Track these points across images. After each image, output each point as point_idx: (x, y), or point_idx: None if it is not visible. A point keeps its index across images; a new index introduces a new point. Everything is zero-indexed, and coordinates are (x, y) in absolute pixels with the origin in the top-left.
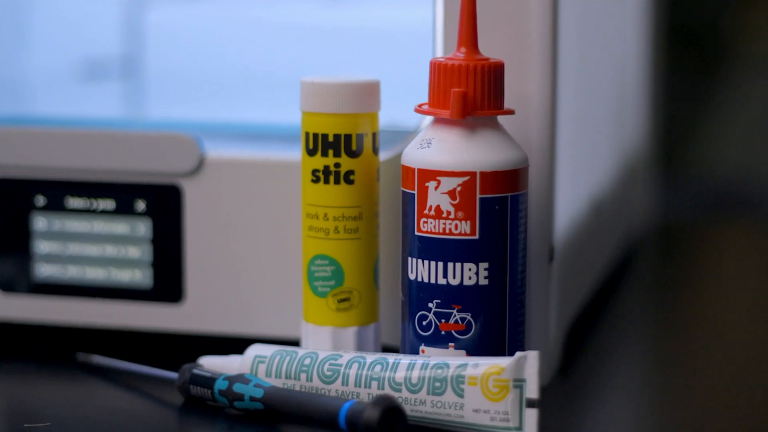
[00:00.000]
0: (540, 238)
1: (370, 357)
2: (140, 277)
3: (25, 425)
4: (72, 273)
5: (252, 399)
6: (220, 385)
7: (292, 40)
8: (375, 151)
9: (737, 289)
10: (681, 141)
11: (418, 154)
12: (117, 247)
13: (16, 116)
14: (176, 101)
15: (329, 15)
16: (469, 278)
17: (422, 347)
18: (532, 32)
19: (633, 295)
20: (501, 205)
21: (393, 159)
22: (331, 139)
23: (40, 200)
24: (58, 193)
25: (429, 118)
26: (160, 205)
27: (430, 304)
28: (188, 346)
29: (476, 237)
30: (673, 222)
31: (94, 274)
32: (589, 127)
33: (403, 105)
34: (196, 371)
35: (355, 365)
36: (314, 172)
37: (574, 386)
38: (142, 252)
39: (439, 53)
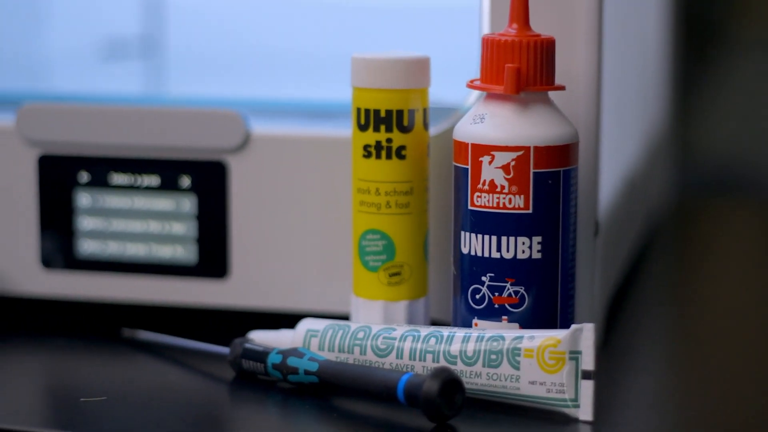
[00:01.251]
0: (585, 212)
1: (424, 330)
2: (185, 253)
3: (81, 399)
4: (115, 249)
5: (307, 372)
6: (274, 359)
7: (313, 17)
8: (425, 126)
9: (744, 265)
10: (688, 121)
11: (471, 129)
12: (161, 224)
13: (37, 94)
14: (197, 79)
15: None
16: (523, 252)
17: (475, 320)
18: (579, 9)
19: (656, 268)
20: (554, 179)
21: (440, 135)
22: (383, 114)
23: (84, 177)
24: (101, 169)
25: (475, 94)
26: (206, 182)
27: (483, 278)
28: (231, 322)
29: (530, 211)
30: (686, 199)
31: (138, 251)
32: (622, 104)
33: (441, 81)
34: (248, 345)
35: (410, 338)
36: (366, 147)
37: (618, 358)
38: (186, 228)
39: (486, 30)
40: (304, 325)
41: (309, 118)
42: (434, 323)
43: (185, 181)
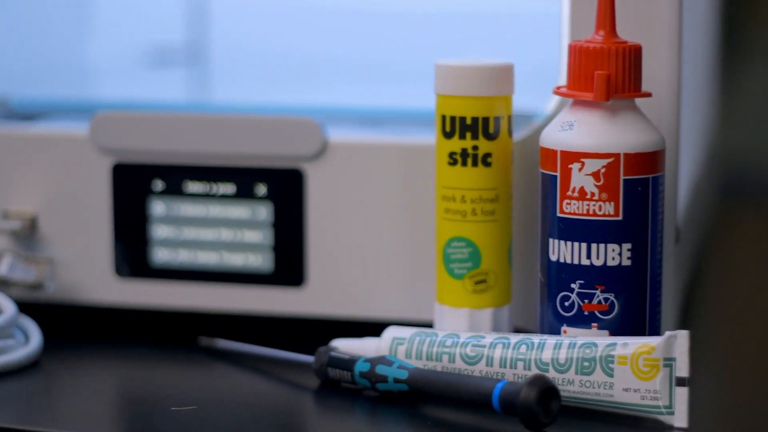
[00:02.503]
0: (668, 219)
1: (514, 338)
2: (261, 261)
3: (172, 408)
4: (190, 258)
5: (396, 380)
6: (361, 367)
7: (346, 25)
8: (510, 133)
9: None
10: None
11: (560, 136)
12: (237, 232)
13: (83, 102)
14: (241, 86)
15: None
16: (613, 259)
17: (564, 328)
18: (660, 15)
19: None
20: (643, 186)
21: (520, 141)
22: (469, 121)
23: (158, 185)
24: (176, 177)
25: (555, 101)
26: (282, 189)
27: (572, 285)
28: (305, 330)
29: (620, 218)
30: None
31: (213, 259)
32: (691, 109)
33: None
34: (334, 354)
35: (500, 346)
36: (451, 154)
37: (701, 364)
38: (263, 236)
39: (566, 36)
40: (390, 333)
41: (356, 125)
42: (517, 331)
43: (261, 189)
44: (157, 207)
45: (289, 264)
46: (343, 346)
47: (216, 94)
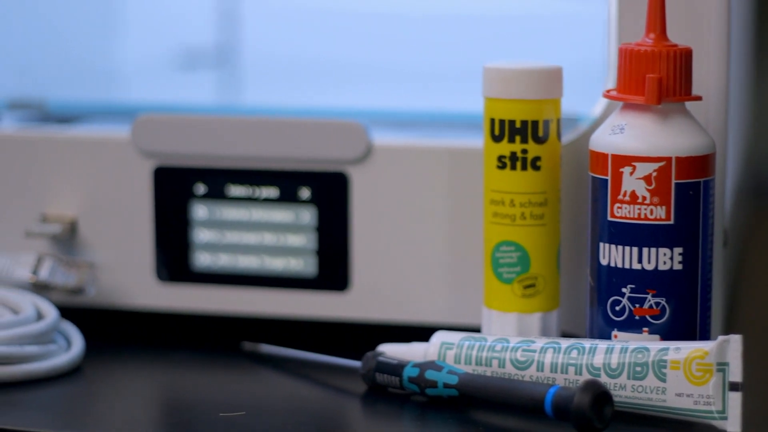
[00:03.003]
0: (716, 222)
1: (565, 342)
2: (304, 265)
3: (221, 414)
4: (232, 262)
5: (446, 386)
6: (410, 372)
7: (379, 29)
8: (559, 137)
9: None
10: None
11: (610, 140)
12: (280, 236)
13: (115, 105)
14: (272, 88)
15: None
16: (664, 263)
17: (614, 332)
18: (710, 18)
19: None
20: (695, 190)
21: (567, 145)
22: (518, 125)
23: (201, 188)
24: (219, 181)
25: (602, 104)
26: (326, 193)
27: (623, 289)
28: (348, 334)
29: (671, 222)
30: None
31: (255, 263)
32: (735, 112)
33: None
34: (382, 359)
35: (550, 351)
36: (500, 158)
37: (751, 367)
38: (306, 240)
39: (613, 40)
40: (439, 337)
41: (389, 128)
42: (564, 335)
43: (305, 193)
44: (199, 211)
45: (333, 268)
46: (390, 350)
47: (245, 96)
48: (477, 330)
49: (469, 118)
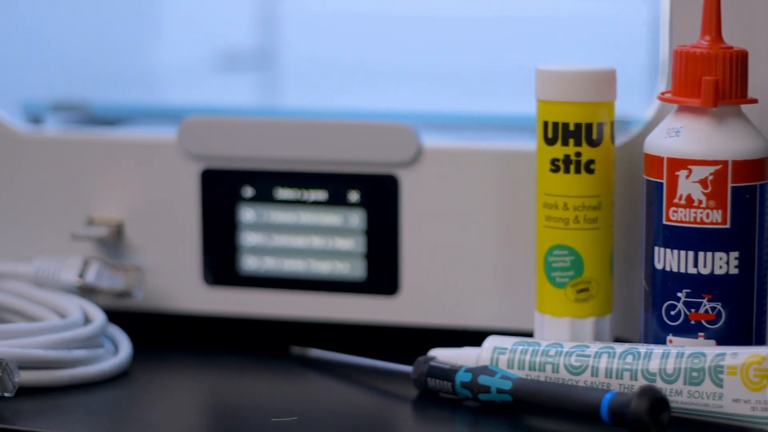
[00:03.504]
0: None
1: (620, 347)
2: (352, 269)
3: (273, 419)
4: (280, 265)
5: (500, 391)
6: (462, 377)
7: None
8: (612, 139)
9: None
10: None
11: (666, 143)
12: (328, 239)
13: (155, 107)
14: (312, 91)
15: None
16: (720, 267)
17: (669, 337)
18: (762, 19)
19: None
20: (751, 193)
21: (619, 147)
22: (572, 128)
23: (248, 191)
24: (267, 184)
25: (655, 107)
26: (376, 196)
27: (679, 294)
28: (397, 339)
29: (727, 226)
30: None
31: (303, 266)
32: None
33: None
34: (434, 363)
35: (605, 356)
36: (554, 161)
37: None
38: (355, 243)
39: (666, 41)
40: (491, 342)
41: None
42: (617, 340)
43: (354, 196)
44: (247, 214)
45: (382, 272)
46: (441, 355)
47: (285, 99)
48: (528, 335)
49: (517, 120)
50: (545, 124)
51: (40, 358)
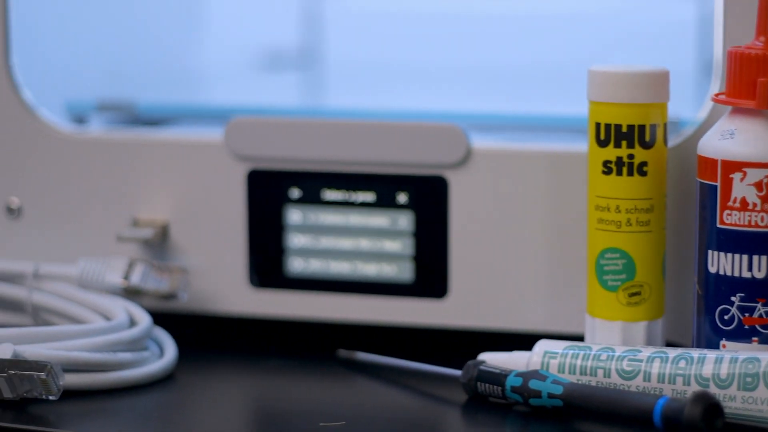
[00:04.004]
0: None
1: (672, 352)
2: (401, 271)
3: (321, 424)
4: (327, 267)
5: (551, 396)
6: (513, 381)
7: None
8: (665, 141)
9: None
10: None
11: (720, 145)
12: (375, 241)
13: (199, 107)
14: (355, 92)
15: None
16: None
17: (723, 342)
18: None
19: None
20: None
21: (672, 149)
22: (624, 129)
23: (295, 192)
24: (314, 185)
25: (708, 108)
26: (424, 198)
27: (732, 298)
28: (446, 342)
29: None
30: None
31: (350, 269)
32: None
33: None
34: (484, 368)
35: (657, 360)
36: (606, 163)
37: None
38: (403, 246)
39: (719, 42)
40: (542, 346)
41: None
42: (669, 345)
43: (402, 198)
44: (294, 215)
45: (430, 275)
46: (491, 359)
47: (328, 99)
48: (579, 339)
49: (568, 122)
50: (597, 125)
51: (85, 360)
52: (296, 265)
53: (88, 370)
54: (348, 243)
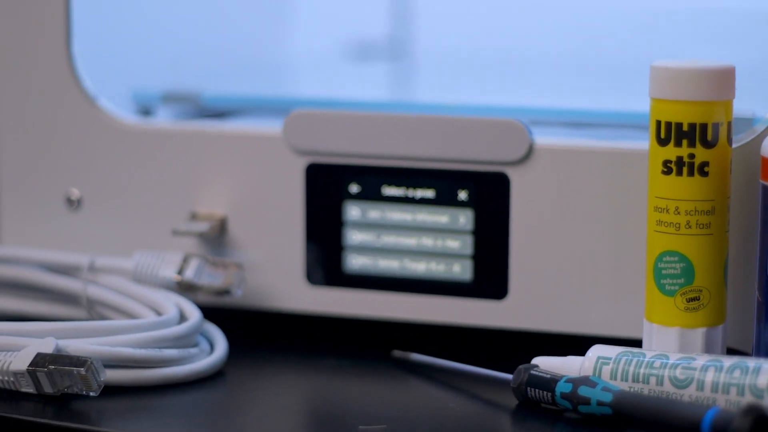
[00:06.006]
0: None
1: (728, 360)
2: (459, 270)
3: (360, 427)
4: (385, 265)
5: (600, 403)
6: (563, 387)
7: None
8: (729, 141)
9: None
10: None
11: None
12: (435, 239)
13: (283, 98)
14: (446, 84)
15: None
16: None
17: None
18: None
19: None
20: None
21: (739, 148)
22: (685, 128)
23: (354, 188)
24: (373, 180)
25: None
26: (484, 195)
27: None
28: (506, 344)
29: None
30: None
31: (409, 267)
32: None
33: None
34: (534, 372)
35: (712, 369)
36: (666, 162)
37: None
38: (462, 244)
39: None
40: (595, 351)
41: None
42: (731, 352)
43: (462, 195)
44: (352, 211)
45: (490, 275)
46: (545, 363)
47: (418, 91)
48: (639, 344)
49: (637, 118)
50: (658, 123)
51: (128, 356)
52: (353, 263)
53: (132, 366)
54: (406, 241)
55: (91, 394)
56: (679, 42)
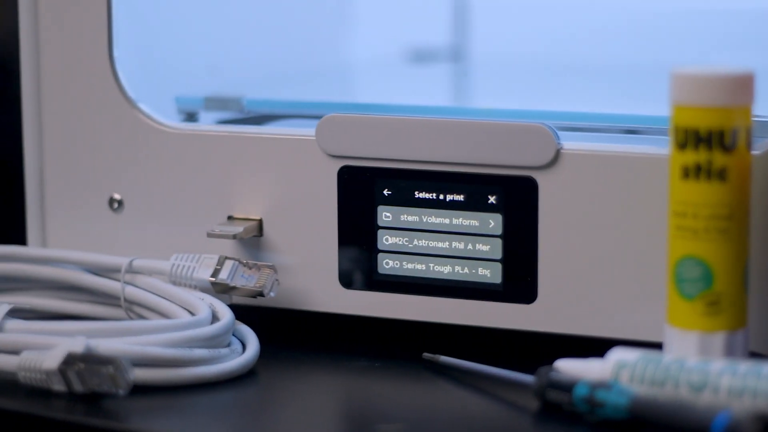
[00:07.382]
0: None
1: (744, 365)
2: (488, 274)
3: (377, 426)
4: (416, 268)
5: (615, 407)
6: (581, 390)
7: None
8: (749, 146)
9: None
10: None
11: None
12: (464, 243)
13: (341, 103)
14: (505, 90)
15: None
16: None
17: None
18: None
19: None
20: None
21: (762, 155)
22: (703, 134)
23: (386, 192)
24: (404, 184)
25: None
26: (513, 200)
27: None
28: (537, 348)
29: None
30: None
31: (440, 271)
32: None
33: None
34: (554, 375)
35: (728, 374)
36: (684, 168)
37: None
38: (491, 248)
39: None
40: (615, 354)
41: (622, 134)
42: (754, 356)
43: (491, 199)
44: (385, 214)
45: (519, 278)
46: (567, 366)
47: (477, 96)
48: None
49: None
50: (677, 129)
51: (158, 356)
52: (386, 266)
53: (162, 365)
54: (437, 244)
55: (120, 392)
56: (716, 47)
